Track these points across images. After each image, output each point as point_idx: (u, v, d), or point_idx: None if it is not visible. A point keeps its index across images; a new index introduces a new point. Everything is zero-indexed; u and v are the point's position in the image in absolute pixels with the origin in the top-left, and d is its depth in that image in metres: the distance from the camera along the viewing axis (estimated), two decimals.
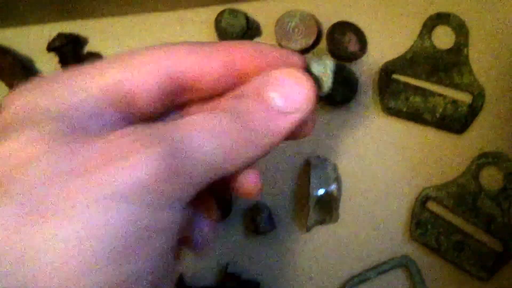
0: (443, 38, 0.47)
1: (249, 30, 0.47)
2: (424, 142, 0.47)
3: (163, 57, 0.24)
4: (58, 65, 0.47)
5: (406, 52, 0.47)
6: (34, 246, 0.18)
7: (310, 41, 0.47)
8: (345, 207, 0.46)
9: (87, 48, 0.48)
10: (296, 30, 0.47)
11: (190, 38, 0.48)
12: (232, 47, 0.25)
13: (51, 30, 0.48)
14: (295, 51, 0.46)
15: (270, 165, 0.47)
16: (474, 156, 0.46)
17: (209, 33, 0.48)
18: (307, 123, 0.28)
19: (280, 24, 0.47)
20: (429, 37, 0.47)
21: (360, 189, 0.46)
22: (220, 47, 0.25)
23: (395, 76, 0.47)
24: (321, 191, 0.44)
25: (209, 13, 0.48)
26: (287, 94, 0.25)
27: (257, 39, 0.48)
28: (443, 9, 0.48)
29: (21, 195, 0.19)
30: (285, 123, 0.25)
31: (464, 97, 0.47)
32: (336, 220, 0.45)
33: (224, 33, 0.47)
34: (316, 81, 0.27)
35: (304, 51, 0.48)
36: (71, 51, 0.47)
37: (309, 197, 0.44)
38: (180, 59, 0.24)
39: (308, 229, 0.44)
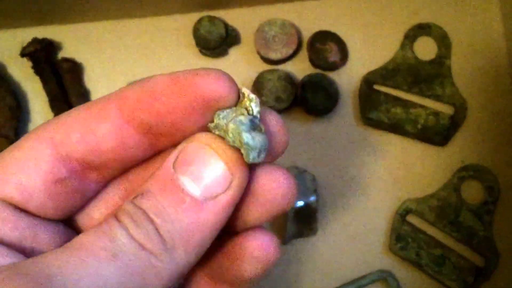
0: (425, 49, 0.47)
1: (228, 38, 0.46)
2: (405, 154, 0.46)
3: (44, 146, 0.21)
4: (31, 71, 0.46)
5: (388, 63, 0.47)
6: None
7: (291, 50, 0.46)
8: (324, 220, 0.45)
9: (62, 54, 0.47)
10: (276, 39, 0.46)
11: (168, 46, 0.47)
12: (123, 102, 0.21)
13: (24, 35, 0.46)
14: (274, 60, 0.46)
15: None
16: (456, 169, 0.45)
17: (187, 41, 0.47)
18: (277, 144, 0.23)
19: (260, 32, 0.47)
20: (411, 48, 0.47)
21: (339, 201, 0.45)
22: (111, 98, 0.21)
23: (376, 86, 0.46)
24: (299, 203, 0.43)
25: (187, 20, 0.47)
26: (202, 175, 0.20)
27: (236, 48, 0.47)
28: (426, 20, 0.47)
29: None
30: (210, 214, 0.20)
31: (446, 109, 0.46)
32: (314, 232, 0.44)
33: (202, 41, 0.46)
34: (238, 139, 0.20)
35: (284, 60, 0.47)
36: (45, 57, 0.46)
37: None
38: (67, 138, 0.21)
39: (285, 242, 0.43)
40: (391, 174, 0.46)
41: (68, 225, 0.23)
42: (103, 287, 0.18)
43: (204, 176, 0.20)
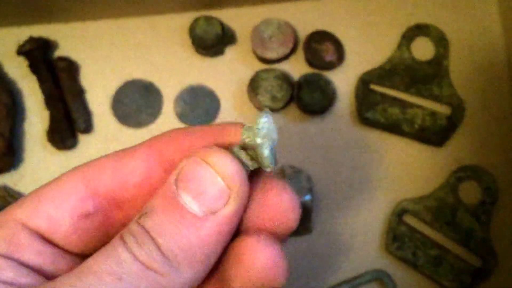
0: (422, 49, 0.47)
1: (224, 38, 0.46)
2: (402, 154, 0.46)
3: (77, 181, 0.22)
4: (27, 69, 0.46)
5: (385, 63, 0.46)
6: None
7: (287, 50, 0.46)
8: (319, 219, 0.45)
9: (57, 53, 0.47)
10: (273, 38, 0.46)
11: (163, 44, 0.47)
12: (154, 142, 0.23)
13: (20, 33, 0.46)
14: (271, 59, 0.46)
15: None
16: (453, 170, 0.45)
17: (183, 40, 0.47)
18: (288, 222, 0.23)
19: (256, 32, 0.46)
20: (408, 48, 0.47)
21: (335, 201, 0.45)
22: (141, 146, 0.23)
23: (373, 86, 0.46)
24: None
25: (183, 20, 0.47)
26: (200, 191, 0.20)
27: (232, 47, 0.47)
28: (423, 20, 0.47)
29: None
30: (211, 229, 0.20)
31: (444, 109, 0.46)
32: (309, 231, 0.44)
33: (198, 40, 0.46)
34: (250, 155, 0.21)
35: (280, 60, 0.47)
36: (41, 55, 0.46)
37: None
38: (98, 174, 0.22)
39: None
40: (388, 174, 0.45)
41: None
42: None
43: (203, 192, 0.20)
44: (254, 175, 0.22)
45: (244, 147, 0.21)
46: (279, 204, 0.22)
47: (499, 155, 0.45)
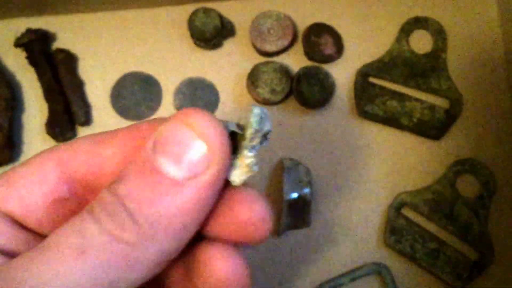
0: (421, 42, 0.47)
1: (223, 30, 0.46)
2: (400, 147, 0.46)
3: (51, 165, 0.21)
4: (26, 61, 0.46)
5: (383, 56, 0.46)
6: None
7: (286, 43, 0.46)
8: (318, 212, 0.45)
9: (56, 45, 0.47)
10: (272, 31, 0.46)
11: (162, 37, 0.47)
12: (134, 129, 0.22)
13: (18, 25, 0.46)
14: (270, 52, 0.46)
15: None
16: (451, 163, 0.45)
17: (182, 32, 0.47)
18: (258, 232, 0.22)
19: (255, 24, 0.46)
20: (407, 41, 0.47)
21: (333, 194, 0.45)
22: (120, 132, 0.22)
23: (371, 79, 0.46)
24: (294, 195, 0.43)
25: (182, 12, 0.47)
26: (180, 154, 0.19)
27: (231, 40, 0.47)
28: (422, 13, 0.47)
29: None
30: (190, 195, 0.19)
31: (442, 103, 0.46)
32: (308, 224, 0.44)
33: (197, 32, 0.46)
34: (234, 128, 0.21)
35: (279, 53, 0.47)
36: (39, 48, 0.46)
37: (281, 201, 0.42)
38: (73, 158, 0.21)
39: (279, 234, 0.43)
40: (386, 167, 0.46)
41: None
42: (73, 286, 0.17)
43: (182, 155, 0.19)
44: (224, 186, 0.21)
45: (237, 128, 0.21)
46: (249, 218, 0.21)
47: (497, 149, 0.45)
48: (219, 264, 0.21)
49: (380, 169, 0.46)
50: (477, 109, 0.46)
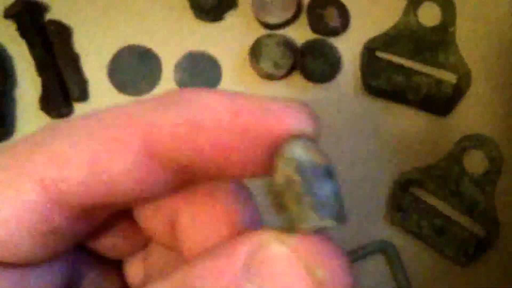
0: (429, 15, 0.45)
1: (224, 1, 0.44)
2: (406, 123, 0.45)
3: (30, 187, 0.15)
4: (17, 34, 0.44)
5: (390, 29, 0.45)
6: None
7: (289, 15, 0.45)
8: None
9: (48, 16, 0.45)
10: (275, 2, 0.45)
11: (161, 8, 0.45)
12: (155, 117, 0.15)
13: None
14: (272, 24, 0.44)
15: None
16: (458, 139, 0.44)
17: (182, 4, 0.45)
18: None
19: None
20: (415, 14, 0.45)
21: (339, 170, 0.44)
22: (133, 124, 0.15)
23: (378, 53, 0.45)
24: None
25: None
26: None
27: (232, 12, 0.45)
28: None
29: None
30: None
31: (449, 78, 0.45)
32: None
33: (197, 4, 0.44)
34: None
35: (283, 25, 0.45)
36: (31, 19, 0.43)
37: None
38: (65, 177, 0.15)
39: None
40: (392, 143, 0.45)
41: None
42: None
43: None
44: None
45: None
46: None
47: (505, 125, 0.45)
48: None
49: (386, 145, 0.45)
50: (485, 84, 0.45)
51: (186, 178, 0.16)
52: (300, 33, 0.45)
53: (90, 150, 0.15)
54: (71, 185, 0.15)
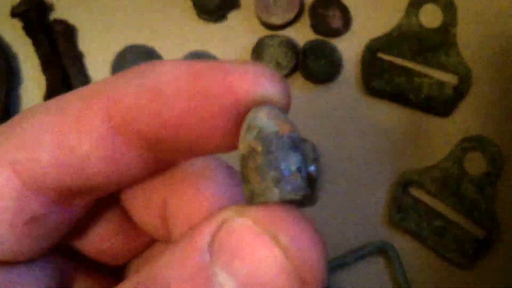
0: (430, 16, 0.46)
1: (227, 2, 0.45)
2: (407, 124, 0.45)
3: (4, 175, 0.15)
4: (23, 32, 0.44)
5: (392, 30, 0.45)
6: None
7: (292, 15, 0.45)
8: (324, 189, 0.44)
9: (53, 15, 0.45)
10: (277, 3, 0.45)
11: (164, 8, 0.45)
12: (116, 89, 0.15)
13: None
14: (275, 25, 0.44)
15: None
16: (458, 140, 0.44)
17: (185, 4, 0.45)
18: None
19: None
20: (416, 15, 0.45)
21: (339, 171, 0.44)
22: (95, 98, 0.15)
23: (379, 54, 0.45)
24: None
25: None
26: (253, 274, 0.13)
27: (235, 12, 0.46)
28: None
29: None
30: None
31: (450, 79, 0.45)
32: (314, 202, 0.43)
33: (200, 3, 0.44)
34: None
35: (285, 26, 0.45)
36: (36, 18, 0.44)
37: None
38: (34, 160, 0.15)
39: None
40: (393, 144, 0.45)
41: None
42: None
43: (257, 279, 0.13)
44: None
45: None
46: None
47: (506, 126, 0.45)
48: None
49: (387, 146, 0.45)
50: (486, 85, 0.45)
51: (160, 158, 0.16)
52: (302, 34, 0.46)
53: (57, 130, 0.15)
54: (42, 166, 0.15)
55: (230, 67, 0.14)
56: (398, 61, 0.45)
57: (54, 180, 0.15)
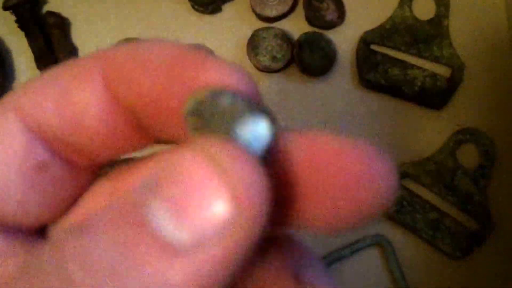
0: (423, 8, 0.46)
1: None
2: (401, 117, 0.45)
3: (11, 118, 0.15)
4: (15, 25, 0.44)
5: (386, 22, 0.45)
6: None
7: (286, 7, 0.45)
8: None
9: (47, 8, 0.45)
10: None
11: (159, 1, 0.45)
12: (113, 52, 0.16)
13: None
14: (270, 17, 0.44)
15: None
16: (452, 133, 0.45)
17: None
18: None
19: None
20: (410, 7, 0.46)
21: None
22: (94, 57, 0.16)
23: (373, 47, 0.45)
24: None
25: None
26: (189, 205, 0.12)
27: (230, 4, 0.46)
28: None
29: None
30: (189, 274, 0.12)
31: (444, 71, 0.45)
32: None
33: None
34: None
35: (280, 18, 0.45)
36: (29, 10, 0.44)
37: None
38: (38, 107, 0.15)
39: None
40: (387, 137, 0.45)
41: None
42: None
43: (193, 208, 0.12)
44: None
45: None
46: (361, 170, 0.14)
47: (498, 118, 0.45)
48: None
49: (381, 139, 0.45)
50: (479, 77, 0.45)
51: (147, 137, 0.17)
52: (296, 26, 0.45)
53: (59, 84, 0.16)
54: (45, 114, 0.15)
55: (208, 59, 0.15)
56: (392, 53, 0.45)
57: (57, 130, 0.16)
